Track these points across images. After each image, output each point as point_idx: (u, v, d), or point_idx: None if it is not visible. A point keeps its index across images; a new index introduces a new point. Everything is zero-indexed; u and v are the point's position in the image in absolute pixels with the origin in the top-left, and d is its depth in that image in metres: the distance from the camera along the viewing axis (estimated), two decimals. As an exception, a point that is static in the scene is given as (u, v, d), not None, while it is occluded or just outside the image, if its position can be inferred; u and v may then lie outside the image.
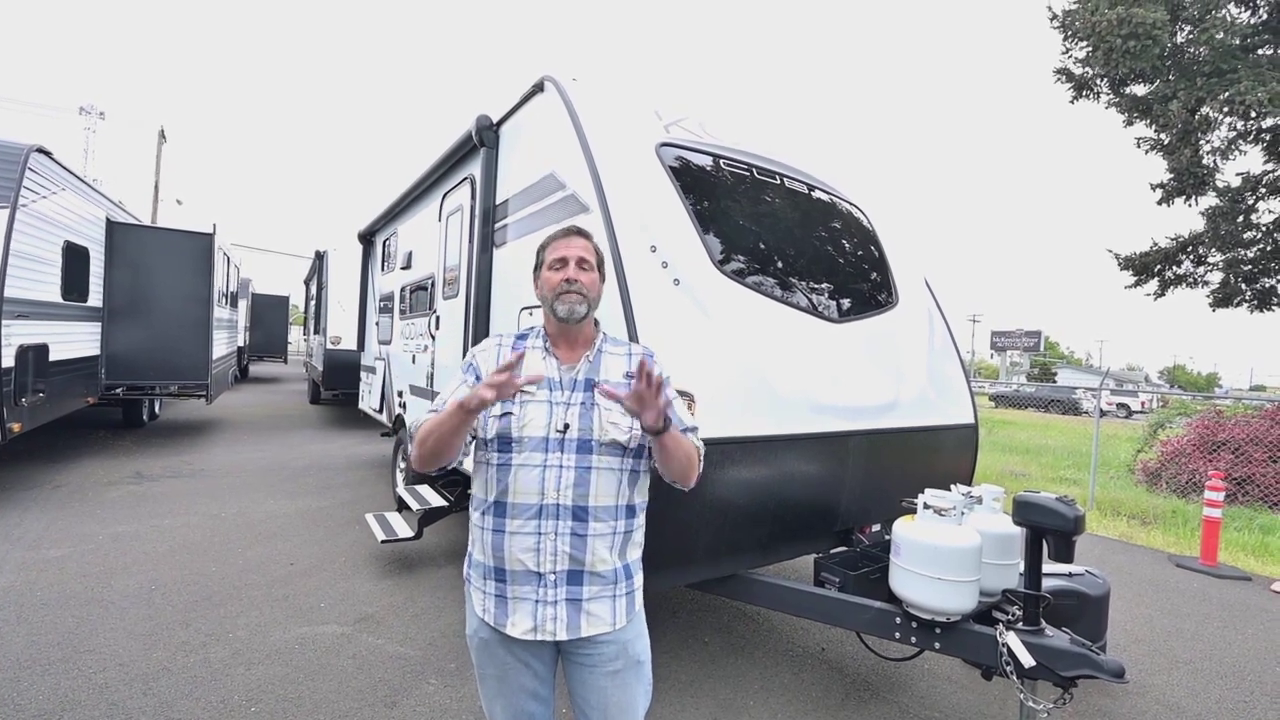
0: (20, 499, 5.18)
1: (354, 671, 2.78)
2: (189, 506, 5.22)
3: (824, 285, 3.22)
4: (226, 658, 2.84)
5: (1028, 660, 1.99)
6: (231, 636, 3.04)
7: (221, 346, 9.74)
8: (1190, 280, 9.63)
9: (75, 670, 2.66)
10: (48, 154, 5.98)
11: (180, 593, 3.51)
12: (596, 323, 1.54)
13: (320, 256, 12.14)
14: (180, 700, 2.49)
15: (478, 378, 1.43)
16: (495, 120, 3.57)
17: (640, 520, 1.48)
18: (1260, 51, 7.79)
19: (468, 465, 1.49)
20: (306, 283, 15.46)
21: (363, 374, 7.57)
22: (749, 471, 2.54)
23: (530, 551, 1.34)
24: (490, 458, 1.39)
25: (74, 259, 6.56)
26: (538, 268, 1.51)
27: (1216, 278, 9.42)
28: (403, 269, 5.54)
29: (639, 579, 1.49)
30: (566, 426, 1.37)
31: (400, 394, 5.46)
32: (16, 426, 5.27)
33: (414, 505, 4.08)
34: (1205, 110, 7.73)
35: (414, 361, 5.03)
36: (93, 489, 5.62)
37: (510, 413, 1.38)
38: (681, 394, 2.25)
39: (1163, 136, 8.65)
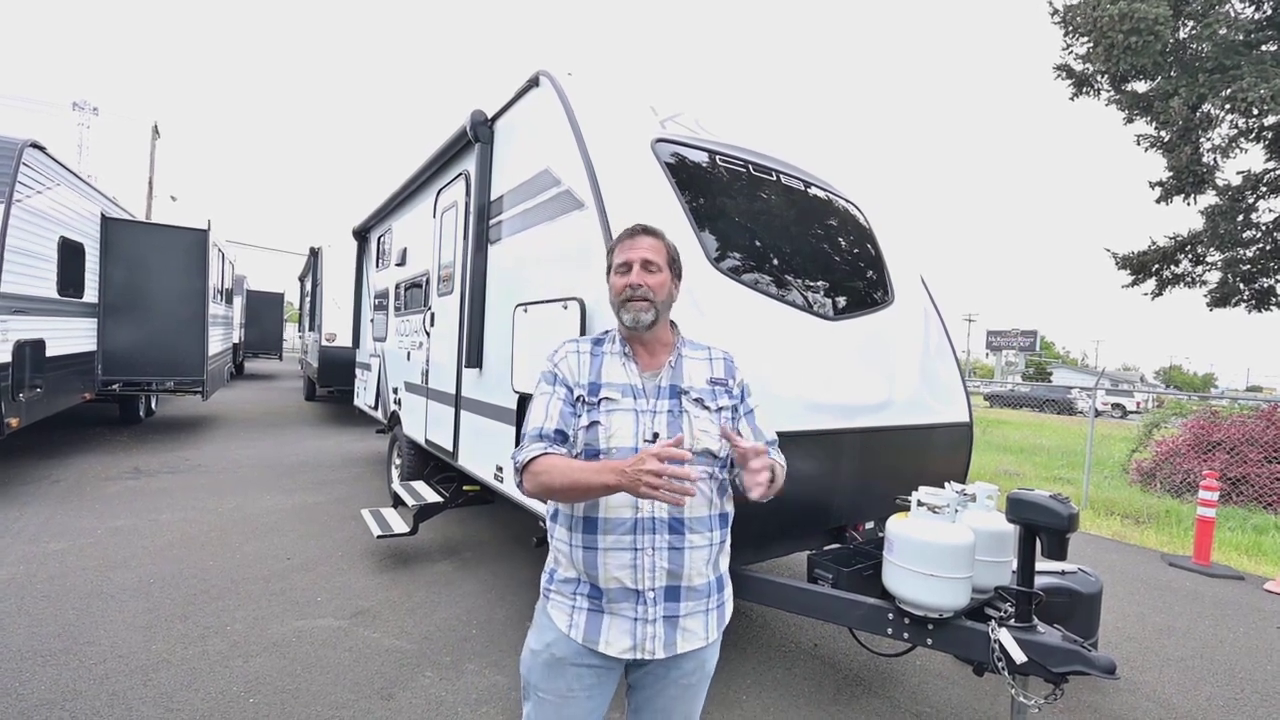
0: (19, 494, 5.19)
1: (351, 664, 2.79)
2: (186, 502, 5.23)
3: (820, 283, 3.21)
4: (225, 650, 2.85)
5: (1019, 656, 2.00)
6: (229, 629, 3.05)
7: (217, 343, 9.73)
8: (1188, 280, 9.63)
9: (76, 661, 2.68)
10: (42, 149, 5.97)
11: (179, 586, 3.52)
12: (673, 324, 1.48)
13: (315, 253, 12.12)
14: (180, 691, 2.50)
15: (568, 388, 1.37)
16: (490, 116, 3.56)
17: (729, 529, 1.42)
18: (1264, 48, 7.75)
19: (461, 462, 1.48)
20: (301, 280, 15.43)
21: (358, 371, 7.57)
22: (743, 468, 2.54)
23: (627, 569, 1.27)
24: None
25: (69, 255, 6.55)
26: (607, 271, 1.46)
27: (1215, 277, 9.42)
28: (397, 266, 5.53)
29: (729, 590, 1.44)
30: (655, 436, 1.31)
31: (395, 391, 5.46)
32: (14, 422, 5.28)
33: (410, 501, 4.08)
34: (1206, 107, 7.72)
35: (409, 358, 5.03)
36: (91, 484, 5.63)
37: (598, 422, 1.31)
38: None
39: (1163, 134, 8.63)
